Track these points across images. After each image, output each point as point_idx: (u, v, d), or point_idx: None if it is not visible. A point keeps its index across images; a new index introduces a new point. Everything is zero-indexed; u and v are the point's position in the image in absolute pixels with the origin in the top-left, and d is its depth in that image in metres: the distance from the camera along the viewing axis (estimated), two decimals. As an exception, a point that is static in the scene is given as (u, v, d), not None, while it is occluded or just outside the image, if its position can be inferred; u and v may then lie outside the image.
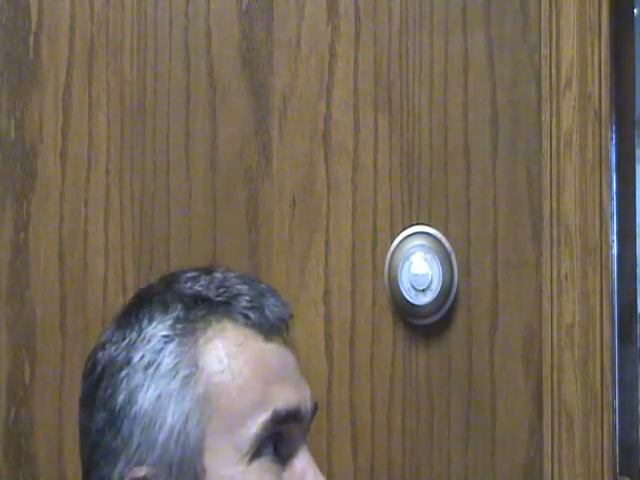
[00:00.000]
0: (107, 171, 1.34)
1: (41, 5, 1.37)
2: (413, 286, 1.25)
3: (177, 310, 0.85)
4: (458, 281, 1.26)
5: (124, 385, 0.83)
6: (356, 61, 1.30)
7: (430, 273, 1.25)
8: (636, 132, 1.33)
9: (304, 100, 1.31)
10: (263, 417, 0.82)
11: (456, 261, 1.26)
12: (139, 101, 1.34)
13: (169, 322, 0.85)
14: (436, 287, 1.25)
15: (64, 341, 1.34)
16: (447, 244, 1.26)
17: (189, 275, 0.89)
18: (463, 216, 1.27)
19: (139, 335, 0.85)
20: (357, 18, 1.30)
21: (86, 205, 1.35)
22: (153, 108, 1.34)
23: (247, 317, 0.85)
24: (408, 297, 1.25)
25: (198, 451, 0.81)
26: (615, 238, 1.27)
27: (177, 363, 0.83)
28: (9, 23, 1.37)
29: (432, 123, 1.28)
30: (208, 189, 1.32)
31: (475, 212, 1.27)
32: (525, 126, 1.26)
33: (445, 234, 1.27)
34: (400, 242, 1.27)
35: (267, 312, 0.86)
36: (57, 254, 1.35)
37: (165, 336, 0.84)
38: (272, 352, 0.86)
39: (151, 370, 0.83)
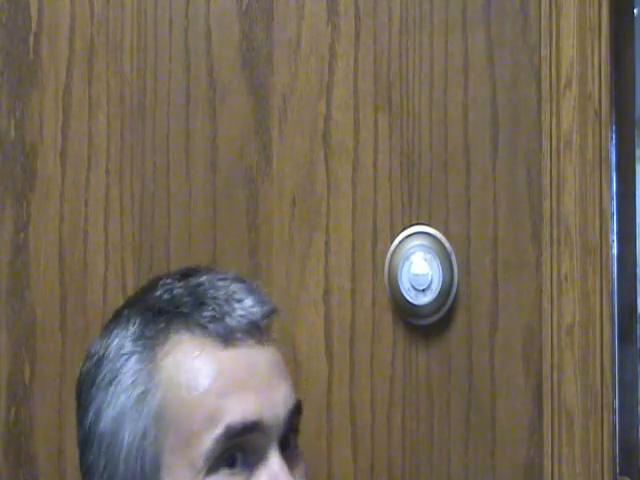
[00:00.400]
0: (107, 171, 1.34)
1: (41, 5, 1.37)
2: (413, 286, 1.25)
3: (135, 325, 0.84)
4: (458, 281, 1.26)
5: (92, 403, 0.83)
6: (356, 61, 1.30)
7: (430, 273, 1.25)
8: (636, 132, 1.33)
9: (304, 100, 1.31)
10: (216, 432, 0.80)
11: (456, 261, 1.26)
12: (139, 101, 1.34)
13: (129, 338, 0.84)
14: (436, 287, 1.25)
15: (64, 341, 1.34)
16: (447, 244, 1.26)
17: (166, 281, 0.87)
18: (463, 216, 1.27)
19: (104, 352, 0.84)
20: (357, 18, 1.30)
21: (86, 205, 1.35)
22: (153, 108, 1.34)
23: (204, 327, 0.83)
24: (408, 297, 1.25)
25: (155, 468, 0.80)
26: (615, 238, 1.27)
27: (134, 380, 0.82)
28: (9, 23, 1.37)
29: (432, 123, 1.28)
30: (208, 189, 1.32)
31: (475, 212, 1.27)
32: (525, 126, 1.26)
33: (445, 234, 1.27)
34: (400, 242, 1.27)
35: (228, 319, 0.84)
36: (57, 254, 1.35)
37: (124, 353, 0.83)
38: (232, 361, 0.83)
39: (112, 388, 0.82)
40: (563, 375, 1.22)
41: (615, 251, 1.28)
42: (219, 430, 0.80)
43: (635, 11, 1.34)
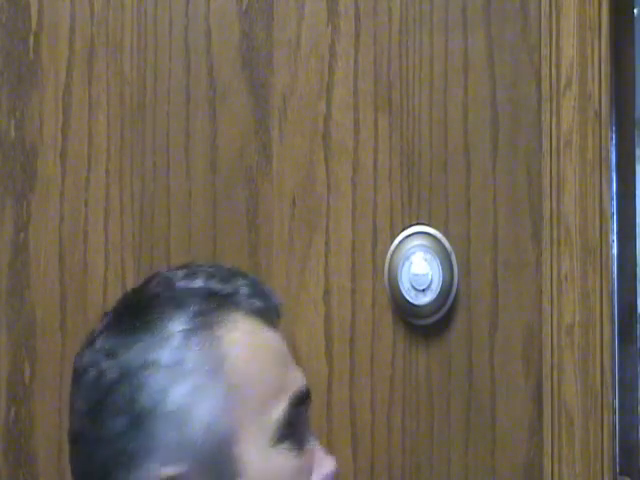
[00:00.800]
0: (107, 171, 1.34)
1: (41, 5, 1.37)
2: (413, 286, 1.25)
3: (192, 305, 0.86)
4: (458, 281, 1.26)
5: (147, 387, 0.83)
6: (356, 61, 1.30)
7: (430, 273, 1.25)
8: (636, 132, 1.33)
9: (304, 100, 1.31)
10: (284, 401, 0.85)
11: (456, 261, 1.26)
12: (139, 101, 1.34)
13: (185, 317, 0.85)
14: (436, 287, 1.25)
15: (64, 341, 1.34)
16: (447, 244, 1.26)
17: (180, 273, 0.90)
18: (463, 216, 1.27)
19: (155, 335, 0.85)
20: (357, 18, 1.30)
21: (86, 205, 1.35)
22: (153, 108, 1.34)
23: (253, 306, 0.87)
24: (408, 297, 1.25)
25: (230, 440, 0.82)
26: (615, 238, 1.27)
27: (201, 357, 0.83)
28: (9, 23, 1.37)
29: (432, 123, 1.28)
30: (208, 189, 1.32)
31: (475, 212, 1.27)
32: (525, 126, 1.26)
33: (445, 234, 1.27)
34: (400, 242, 1.27)
35: (267, 300, 0.89)
36: (57, 254, 1.35)
37: (185, 331, 0.84)
38: (277, 338, 0.89)
39: (176, 368, 0.83)
40: (563, 375, 1.22)
41: (615, 251, 1.28)
42: (287, 399, 0.85)
43: (635, 11, 1.34)
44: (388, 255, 1.27)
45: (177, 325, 0.85)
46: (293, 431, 0.85)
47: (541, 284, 1.24)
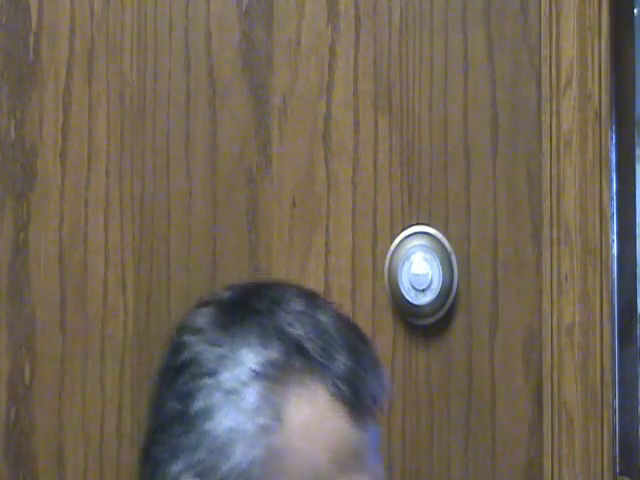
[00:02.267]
0: (107, 171, 1.34)
1: (41, 5, 1.37)
2: (413, 286, 1.25)
3: (274, 351, 0.79)
4: (458, 281, 1.26)
5: (203, 395, 0.80)
6: (356, 61, 1.30)
7: (430, 273, 1.25)
8: (636, 132, 1.33)
9: (304, 100, 1.31)
10: None
11: (456, 261, 1.26)
12: (139, 101, 1.34)
13: (262, 359, 0.79)
14: (436, 287, 1.25)
15: (64, 341, 1.34)
16: (447, 244, 1.26)
17: (296, 306, 0.82)
18: (463, 216, 1.27)
19: (230, 353, 0.80)
20: (357, 18, 1.30)
21: (86, 205, 1.35)
22: (153, 108, 1.34)
23: (339, 389, 0.79)
24: (408, 297, 1.25)
25: None
26: (615, 238, 1.27)
27: (260, 406, 0.78)
28: (9, 23, 1.37)
29: (432, 123, 1.28)
30: (208, 189, 1.32)
31: (475, 212, 1.27)
32: (525, 126, 1.26)
33: (445, 234, 1.27)
34: (400, 242, 1.27)
35: (361, 389, 0.80)
36: (57, 254, 1.35)
37: (254, 371, 0.79)
38: (357, 436, 0.80)
39: (233, 398, 0.79)
40: (563, 375, 1.22)
41: (615, 251, 1.27)
42: None
43: (635, 11, 1.34)
44: (388, 255, 1.27)
45: (251, 359, 0.79)
46: None
47: (541, 284, 1.24)
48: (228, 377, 0.79)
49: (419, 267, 1.25)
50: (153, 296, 1.32)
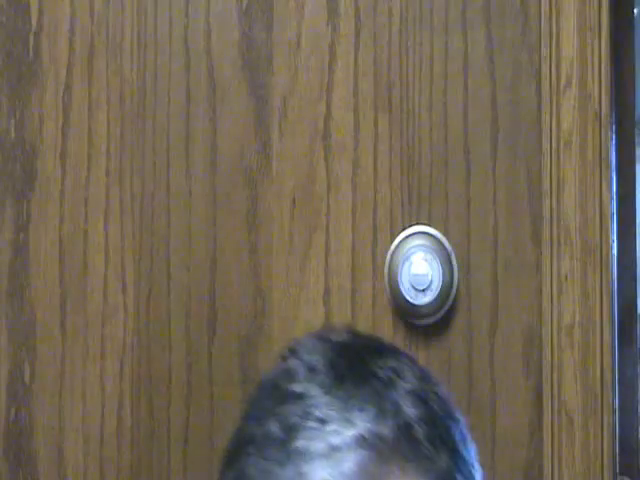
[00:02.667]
0: (107, 171, 1.34)
1: (41, 5, 1.37)
2: (413, 286, 1.25)
3: (387, 427, 0.77)
4: (458, 281, 1.26)
5: (305, 436, 0.75)
6: (356, 61, 1.30)
7: (430, 273, 1.25)
8: (636, 132, 1.33)
9: (304, 100, 1.31)
10: None
11: (456, 261, 1.26)
12: (139, 101, 1.34)
13: (374, 430, 0.77)
14: (436, 287, 1.25)
15: (64, 341, 1.34)
16: (447, 244, 1.26)
17: (413, 382, 0.80)
18: (463, 216, 1.27)
19: (344, 409, 0.77)
20: (357, 18, 1.30)
21: (86, 205, 1.35)
22: (153, 108, 1.34)
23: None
24: (408, 297, 1.25)
25: None
26: (615, 238, 1.27)
27: (357, 473, 0.75)
28: (9, 23, 1.37)
29: (432, 123, 1.28)
30: (208, 189, 1.32)
31: (475, 212, 1.27)
32: (525, 126, 1.26)
33: (445, 234, 1.27)
34: (400, 242, 1.27)
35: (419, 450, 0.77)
36: (57, 254, 1.35)
37: (363, 438, 0.76)
38: None
39: (334, 454, 0.75)
40: (563, 375, 1.22)
41: (615, 251, 1.27)
42: None
43: (635, 11, 1.34)
44: (388, 255, 1.27)
45: (361, 427, 0.76)
46: None
47: (541, 284, 1.24)
48: (335, 431, 0.78)
49: (419, 267, 1.25)
50: (153, 296, 1.32)
